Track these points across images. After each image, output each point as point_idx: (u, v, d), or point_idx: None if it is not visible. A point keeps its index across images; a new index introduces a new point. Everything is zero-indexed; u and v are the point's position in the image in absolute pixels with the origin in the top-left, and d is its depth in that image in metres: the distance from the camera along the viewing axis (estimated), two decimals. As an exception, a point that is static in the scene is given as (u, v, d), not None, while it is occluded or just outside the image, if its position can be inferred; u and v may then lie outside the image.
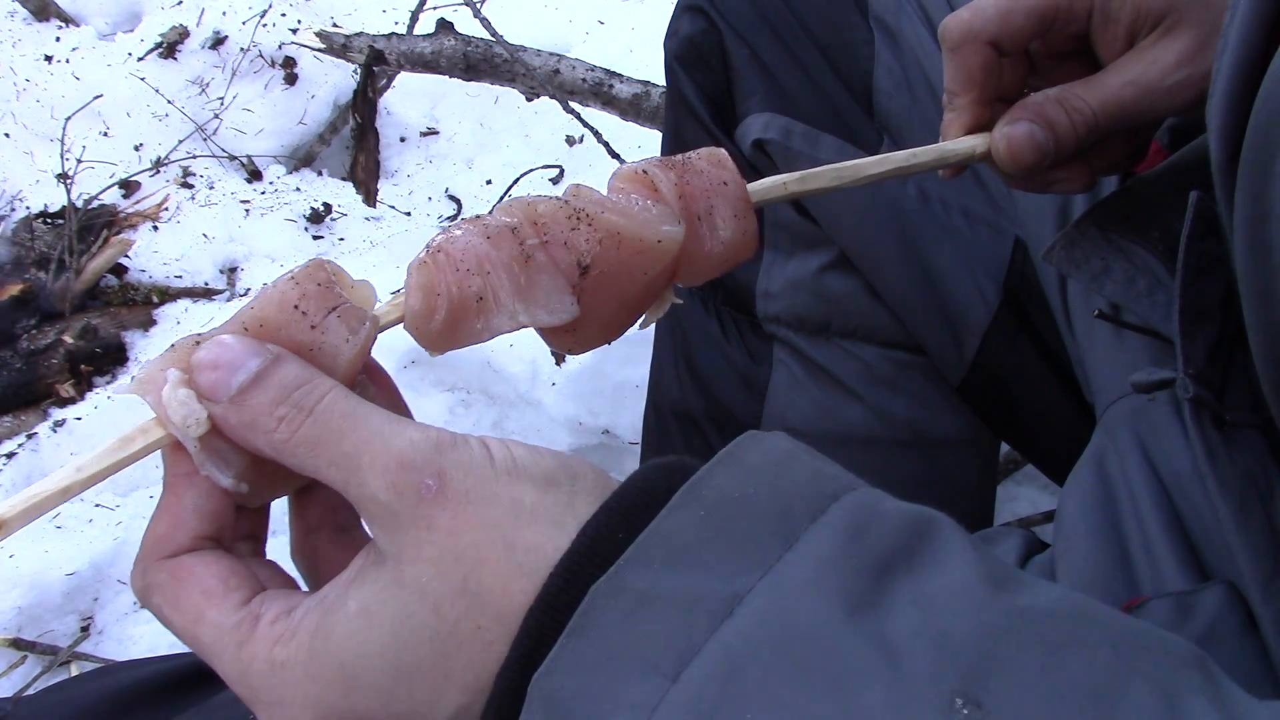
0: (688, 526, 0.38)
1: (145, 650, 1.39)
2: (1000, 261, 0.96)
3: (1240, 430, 0.59)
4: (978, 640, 0.35)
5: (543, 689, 0.37)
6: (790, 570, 0.36)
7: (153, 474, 1.62)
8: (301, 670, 0.40)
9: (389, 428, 0.41)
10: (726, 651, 0.35)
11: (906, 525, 0.38)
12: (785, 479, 0.39)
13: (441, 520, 0.39)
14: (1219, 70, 0.51)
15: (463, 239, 0.48)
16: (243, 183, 2.16)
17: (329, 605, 0.41)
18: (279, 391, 0.41)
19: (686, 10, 1.02)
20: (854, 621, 0.35)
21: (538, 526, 0.39)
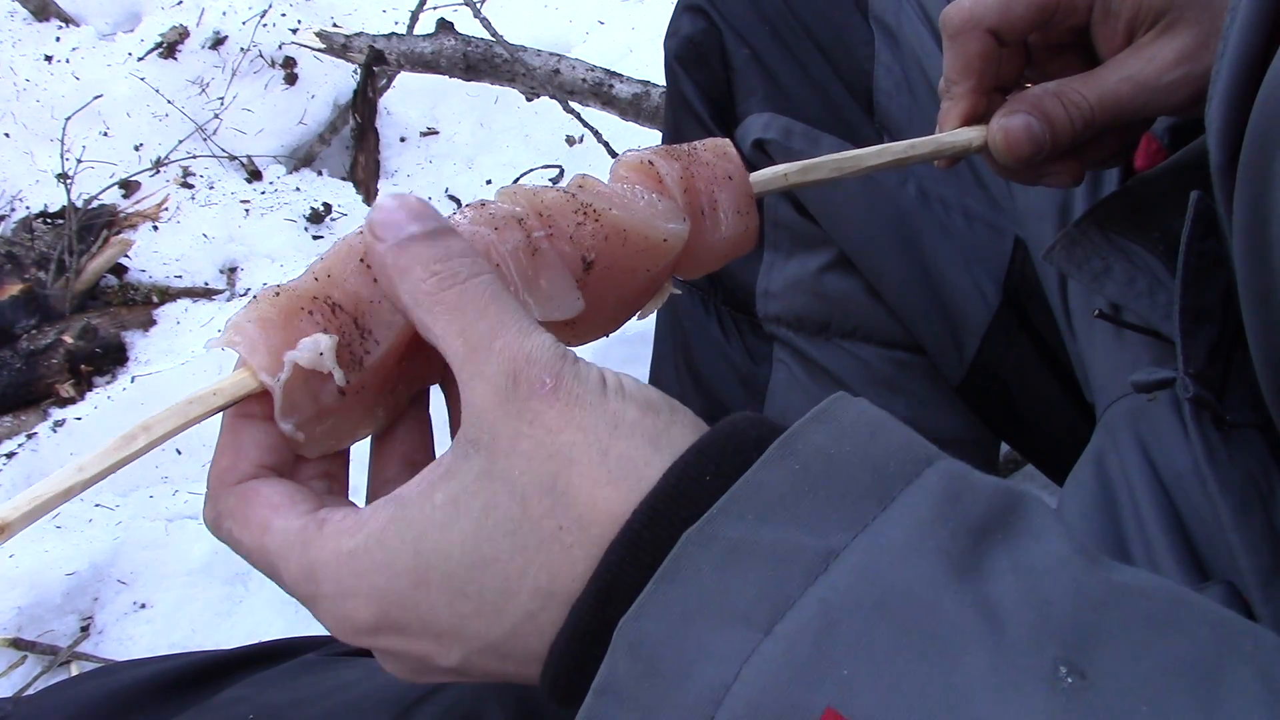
0: (782, 479, 0.37)
1: (145, 650, 1.39)
2: (1000, 261, 0.96)
3: (1240, 430, 0.59)
4: (1080, 610, 0.35)
5: (629, 633, 0.36)
6: (887, 530, 0.36)
7: (152, 474, 1.62)
8: (371, 559, 0.40)
9: (526, 324, 0.42)
10: (823, 606, 0.35)
11: (999, 495, 0.38)
12: (880, 441, 0.39)
13: (546, 416, 0.40)
14: (1218, 72, 0.51)
15: (468, 228, 0.48)
16: (243, 183, 2.16)
17: (408, 499, 0.41)
18: (444, 251, 0.43)
19: (687, 10, 1.02)
20: (954, 584, 0.35)
21: (634, 440, 0.40)
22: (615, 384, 0.42)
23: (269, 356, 0.43)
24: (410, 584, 0.40)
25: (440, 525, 0.40)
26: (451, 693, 0.60)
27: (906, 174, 0.96)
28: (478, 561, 0.39)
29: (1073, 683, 0.33)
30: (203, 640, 1.40)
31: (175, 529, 1.49)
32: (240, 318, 0.44)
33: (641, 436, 0.40)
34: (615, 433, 0.40)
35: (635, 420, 0.40)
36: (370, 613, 0.41)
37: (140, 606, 1.43)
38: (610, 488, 0.39)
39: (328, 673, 0.64)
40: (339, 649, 0.68)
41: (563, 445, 0.39)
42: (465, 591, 0.40)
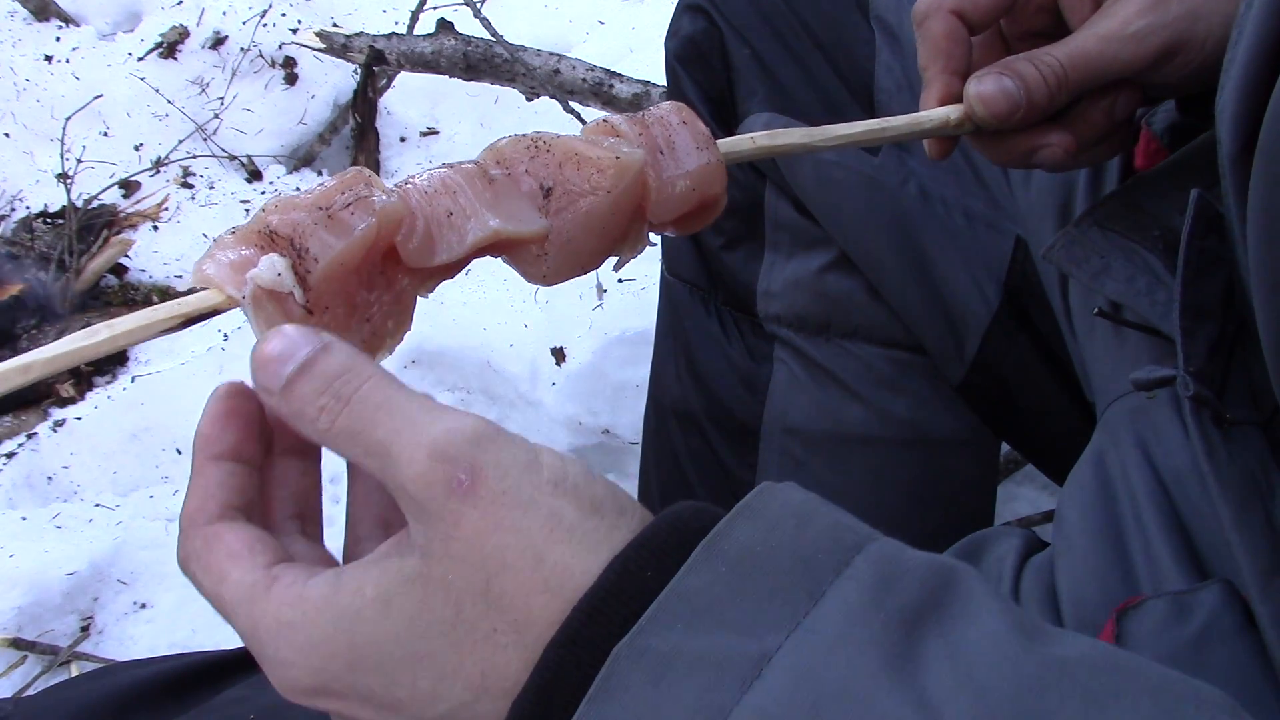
0: (710, 584, 0.37)
1: (145, 650, 1.39)
2: (1001, 261, 0.96)
3: (1240, 428, 0.59)
4: (1018, 693, 0.34)
5: None
6: (818, 626, 0.36)
7: (151, 474, 1.62)
8: (306, 636, 0.40)
9: (424, 416, 0.40)
10: (757, 715, 0.34)
11: (931, 575, 0.37)
12: (806, 531, 0.38)
13: (470, 518, 0.39)
14: (1232, 60, 0.51)
15: (429, 171, 0.52)
16: (243, 183, 2.16)
17: (345, 583, 0.41)
18: (322, 381, 0.42)
19: (687, 10, 1.02)
20: (889, 678, 0.34)
21: (571, 546, 0.39)
22: (556, 474, 0.40)
23: (232, 274, 0.46)
24: (345, 666, 0.40)
25: (374, 620, 0.40)
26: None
27: (907, 174, 0.96)
28: (410, 656, 0.40)
29: None
30: (203, 640, 1.40)
31: (175, 529, 1.48)
32: (205, 253, 0.47)
33: (580, 543, 0.39)
34: (551, 536, 0.39)
35: (574, 523, 0.39)
36: (308, 681, 0.41)
37: (140, 606, 1.42)
38: (546, 595, 0.38)
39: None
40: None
41: (493, 549, 0.38)
42: (399, 680, 0.40)
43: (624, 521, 0.40)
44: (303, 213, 0.47)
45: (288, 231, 0.47)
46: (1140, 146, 0.73)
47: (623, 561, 0.38)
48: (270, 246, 0.47)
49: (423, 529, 0.40)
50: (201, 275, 0.46)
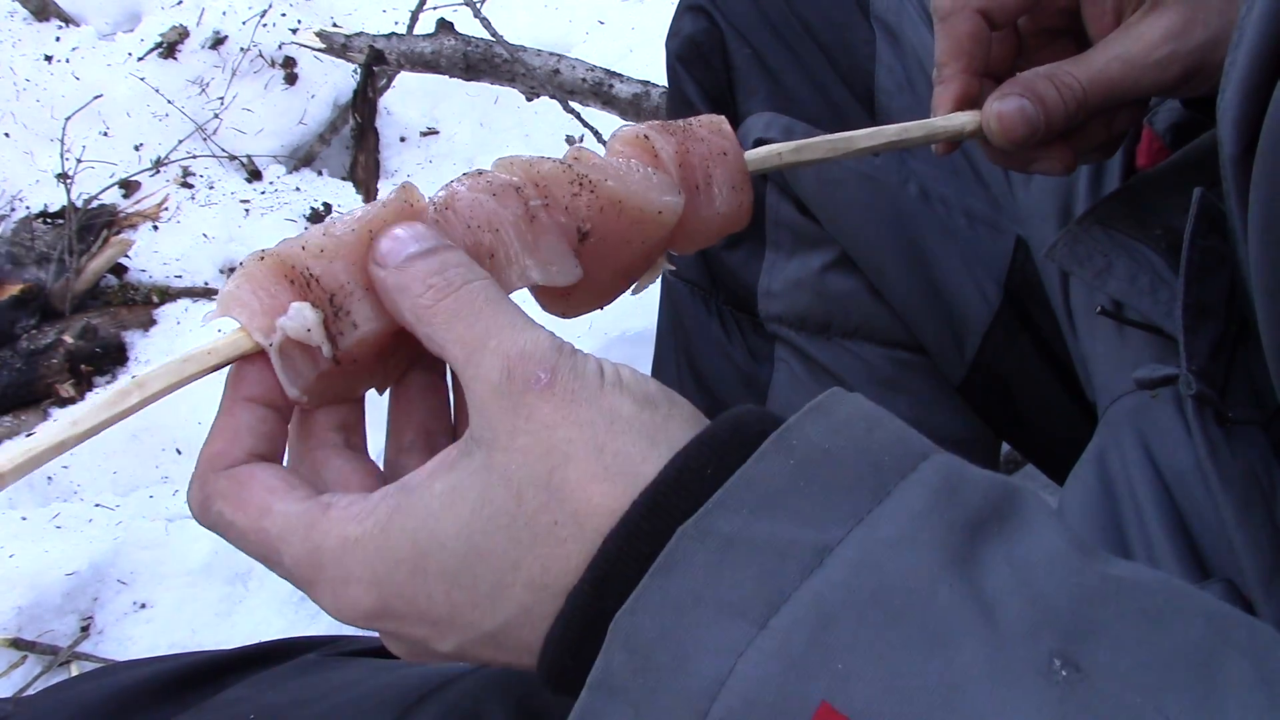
0: (777, 474, 0.37)
1: (145, 650, 1.39)
2: (1001, 261, 0.96)
3: (1242, 427, 0.59)
4: (1075, 604, 0.35)
5: (624, 627, 0.36)
6: (882, 524, 0.36)
7: (152, 474, 1.62)
8: (373, 546, 0.40)
9: (520, 321, 0.42)
10: (817, 600, 0.35)
11: (994, 489, 0.38)
12: (875, 435, 0.39)
13: (542, 411, 0.40)
14: (1233, 62, 0.50)
15: (468, 195, 0.49)
16: (243, 183, 2.16)
17: (412, 487, 0.41)
18: (439, 265, 0.44)
19: (688, 10, 1.02)
20: (949, 577, 0.35)
21: (630, 436, 0.40)
22: (614, 377, 0.42)
23: (263, 318, 0.44)
24: (408, 572, 0.40)
25: (437, 516, 0.40)
26: (452, 692, 0.60)
27: (908, 174, 0.96)
28: (472, 553, 0.40)
29: (1067, 675, 0.33)
30: (203, 640, 1.40)
31: (175, 529, 1.49)
32: (231, 285, 0.45)
33: (638, 432, 0.40)
34: (612, 429, 0.40)
35: (632, 415, 0.40)
36: (370, 599, 0.41)
37: (140, 606, 1.42)
38: (606, 484, 0.39)
39: (328, 673, 0.64)
40: (339, 649, 0.67)
41: (558, 441, 0.40)
42: (460, 582, 0.40)
43: (676, 412, 0.42)
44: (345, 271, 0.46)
45: (330, 285, 0.45)
46: (1142, 145, 0.73)
47: (684, 457, 0.39)
48: (304, 292, 0.45)
49: (491, 423, 0.40)
50: (228, 307, 0.45)
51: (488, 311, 0.42)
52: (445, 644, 0.42)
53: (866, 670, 0.33)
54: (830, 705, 0.33)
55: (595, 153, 0.53)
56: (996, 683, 0.33)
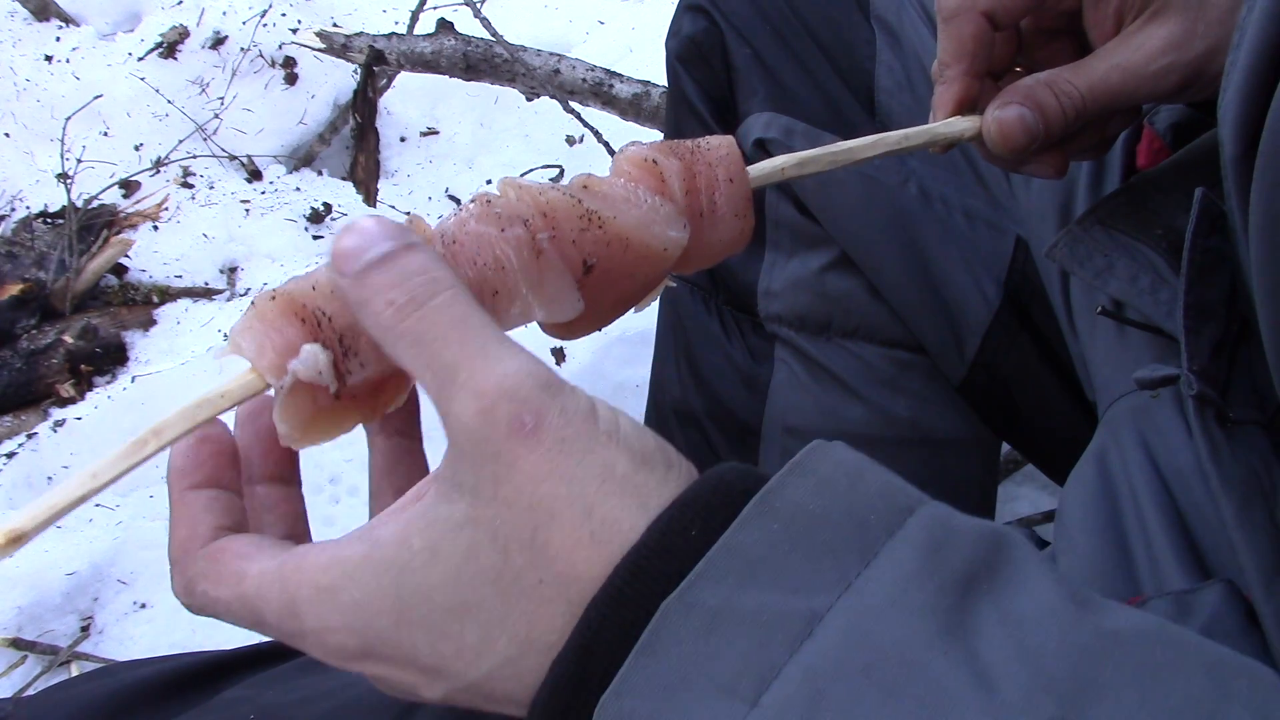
0: (762, 540, 0.36)
1: (145, 650, 1.39)
2: (1001, 260, 0.96)
3: (1243, 427, 0.59)
4: (1072, 664, 0.34)
5: (612, 712, 0.35)
6: (871, 588, 0.35)
7: (152, 474, 1.62)
8: (350, 596, 0.39)
9: (498, 349, 0.39)
10: (808, 674, 0.34)
11: (983, 541, 0.37)
12: (859, 490, 0.38)
13: (527, 461, 0.38)
14: (1234, 63, 0.50)
15: (475, 229, 0.49)
16: (243, 183, 2.16)
17: (384, 536, 0.40)
18: (398, 276, 0.40)
19: (688, 10, 1.02)
20: (942, 644, 0.34)
21: (622, 500, 0.38)
22: (609, 425, 0.39)
23: (275, 359, 0.44)
24: (391, 623, 0.39)
25: (421, 570, 0.39)
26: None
27: (907, 174, 0.96)
28: (458, 606, 0.39)
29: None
30: (203, 640, 1.40)
31: (175, 529, 1.49)
32: (243, 323, 0.45)
33: (630, 496, 0.38)
34: (602, 488, 0.38)
35: (625, 475, 0.38)
36: (353, 643, 0.40)
37: (140, 606, 1.42)
38: (591, 549, 0.38)
39: (328, 673, 0.64)
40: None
41: (544, 497, 0.38)
42: (447, 634, 0.39)
43: (671, 476, 0.39)
44: None
45: (341, 327, 0.45)
46: (1143, 145, 0.73)
47: (667, 520, 0.38)
48: (315, 331, 0.45)
49: (473, 468, 0.38)
50: (240, 347, 0.45)
51: (455, 336, 0.39)
52: (433, 690, 0.41)
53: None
54: None
55: (604, 179, 0.53)
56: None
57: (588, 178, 0.53)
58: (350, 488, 1.60)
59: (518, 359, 0.39)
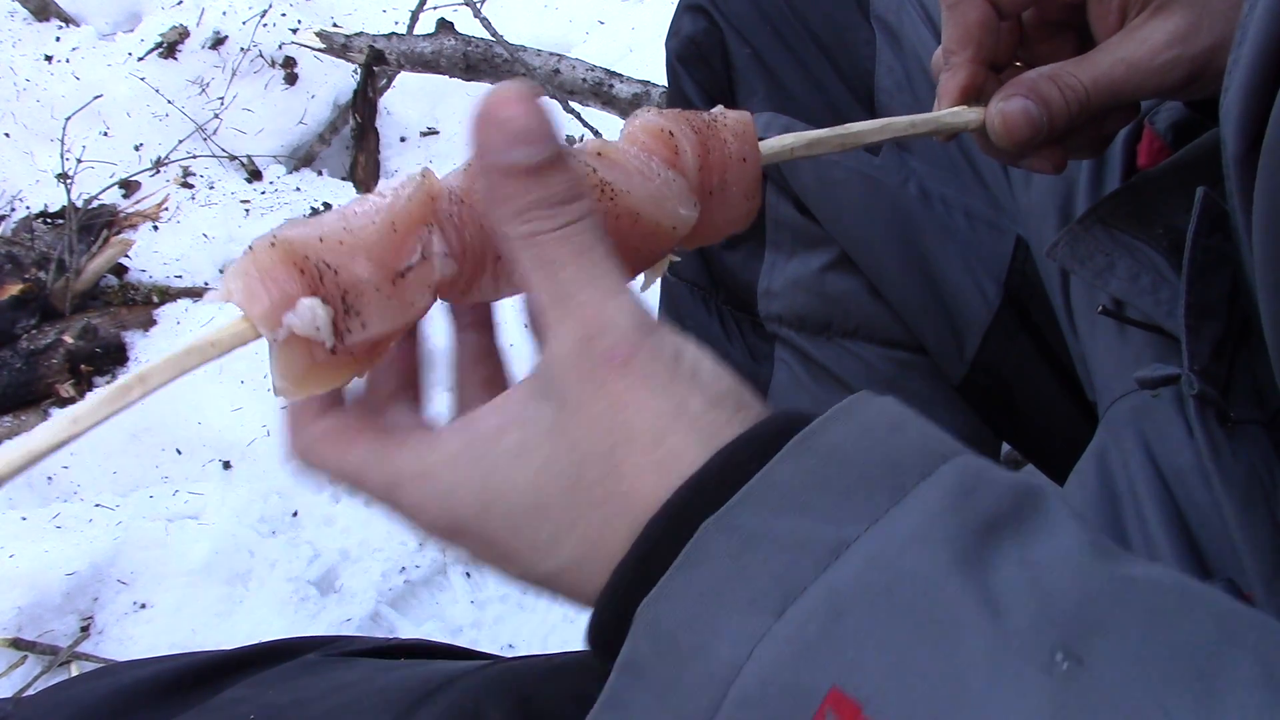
0: (799, 474, 0.39)
1: (145, 650, 1.39)
2: (1001, 260, 0.96)
3: (1244, 427, 0.59)
4: (1082, 602, 0.36)
5: (649, 615, 0.38)
6: (898, 522, 0.37)
7: (151, 474, 1.62)
8: (444, 481, 0.44)
9: (611, 284, 0.42)
10: (831, 593, 0.36)
11: (1014, 492, 0.39)
12: (897, 438, 0.40)
13: (614, 389, 0.41)
14: (1236, 60, 0.50)
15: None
16: (243, 183, 2.16)
17: (480, 429, 0.44)
18: (544, 195, 0.42)
19: (688, 10, 1.02)
20: (959, 573, 0.36)
21: (690, 435, 0.41)
22: (690, 367, 0.42)
23: (270, 310, 0.43)
24: (476, 510, 0.43)
25: (506, 466, 0.43)
26: (452, 692, 0.59)
27: (908, 174, 0.96)
28: (534, 505, 0.42)
29: (1068, 668, 0.34)
30: (203, 640, 1.40)
31: (175, 529, 1.49)
32: (238, 267, 0.44)
33: (698, 432, 0.41)
34: (675, 422, 0.41)
35: (697, 413, 0.41)
36: (444, 525, 0.44)
37: (140, 606, 1.42)
38: (656, 475, 0.41)
39: (328, 673, 0.64)
40: (339, 649, 0.67)
41: (623, 421, 0.41)
42: (521, 529, 0.43)
43: (739, 417, 0.42)
44: (365, 268, 0.44)
45: (346, 282, 0.44)
46: (1143, 145, 0.73)
47: (730, 452, 0.40)
48: (315, 285, 0.43)
49: (566, 386, 0.42)
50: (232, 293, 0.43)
51: (575, 264, 0.42)
52: (510, 573, 0.45)
53: (873, 659, 0.35)
54: (839, 690, 0.35)
55: (618, 147, 0.52)
56: (996, 673, 0.34)
57: (602, 144, 0.51)
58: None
59: (622, 296, 0.43)
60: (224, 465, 1.61)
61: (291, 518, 1.56)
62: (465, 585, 1.55)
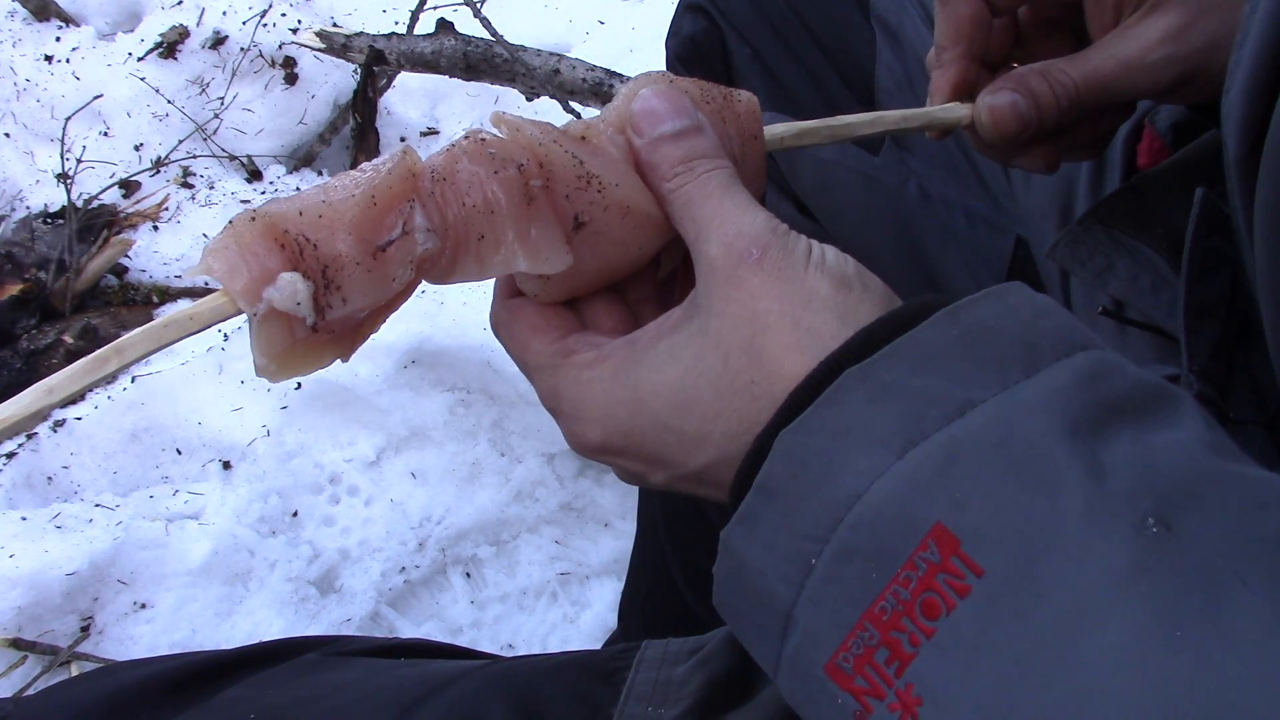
0: (941, 339, 0.42)
1: (145, 650, 1.39)
2: (1001, 260, 0.96)
3: (1244, 427, 0.59)
4: (1184, 481, 0.38)
5: (787, 442, 0.42)
6: (1025, 392, 0.40)
7: (151, 474, 1.62)
8: (601, 389, 0.49)
9: (744, 204, 0.49)
10: (950, 441, 0.39)
11: (1147, 386, 0.41)
12: (1040, 323, 0.42)
13: (751, 283, 0.46)
14: (1238, 62, 0.50)
15: (468, 169, 0.48)
16: (243, 183, 2.16)
17: (638, 343, 0.49)
18: (686, 153, 0.51)
19: (688, 10, 1.02)
20: (1071, 440, 0.38)
21: (824, 315, 0.45)
22: (818, 257, 0.47)
23: (250, 285, 0.43)
24: (628, 415, 0.48)
25: (657, 369, 0.48)
26: (452, 692, 0.60)
27: (907, 174, 0.96)
28: (682, 403, 0.47)
29: (1157, 532, 0.36)
30: (203, 640, 1.40)
31: (175, 529, 1.49)
32: (218, 242, 0.43)
33: (831, 311, 0.45)
34: (809, 305, 0.45)
35: (828, 295, 0.46)
36: (596, 435, 0.49)
37: (140, 606, 1.42)
38: (797, 354, 0.44)
39: (328, 673, 0.64)
40: (339, 649, 0.67)
41: (761, 311, 0.45)
42: (670, 427, 0.47)
43: (868, 296, 0.47)
44: (345, 242, 0.44)
45: (326, 256, 0.44)
46: (1143, 145, 0.73)
47: (868, 332, 0.44)
48: (296, 260, 0.43)
49: (710, 291, 0.47)
50: (212, 267, 0.43)
51: (717, 196, 0.49)
52: (656, 477, 0.49)
53: (978, 502, 0.38)
54: (944, 525, 0.38)
55: (599, 131, 0.52)
56: (1088, 526, 0.37)
57: (586, 127, 0.52)
58: (350, 487, 1.60)
59: (758, 213, 0.48)
60: (224, 465, 1.61)
61: (291, 518, 1.56)
62: (465, 585, 1.55)
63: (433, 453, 1.63)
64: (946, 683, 0.37)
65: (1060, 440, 0.38)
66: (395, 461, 1.63)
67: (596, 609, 1.51)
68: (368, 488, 1.59)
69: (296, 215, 0.44)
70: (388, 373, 1.65)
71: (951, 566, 0.37)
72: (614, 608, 1.46)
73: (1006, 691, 0.36)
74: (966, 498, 0.38)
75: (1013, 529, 0.37)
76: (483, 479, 1.61)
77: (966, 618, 0.37)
